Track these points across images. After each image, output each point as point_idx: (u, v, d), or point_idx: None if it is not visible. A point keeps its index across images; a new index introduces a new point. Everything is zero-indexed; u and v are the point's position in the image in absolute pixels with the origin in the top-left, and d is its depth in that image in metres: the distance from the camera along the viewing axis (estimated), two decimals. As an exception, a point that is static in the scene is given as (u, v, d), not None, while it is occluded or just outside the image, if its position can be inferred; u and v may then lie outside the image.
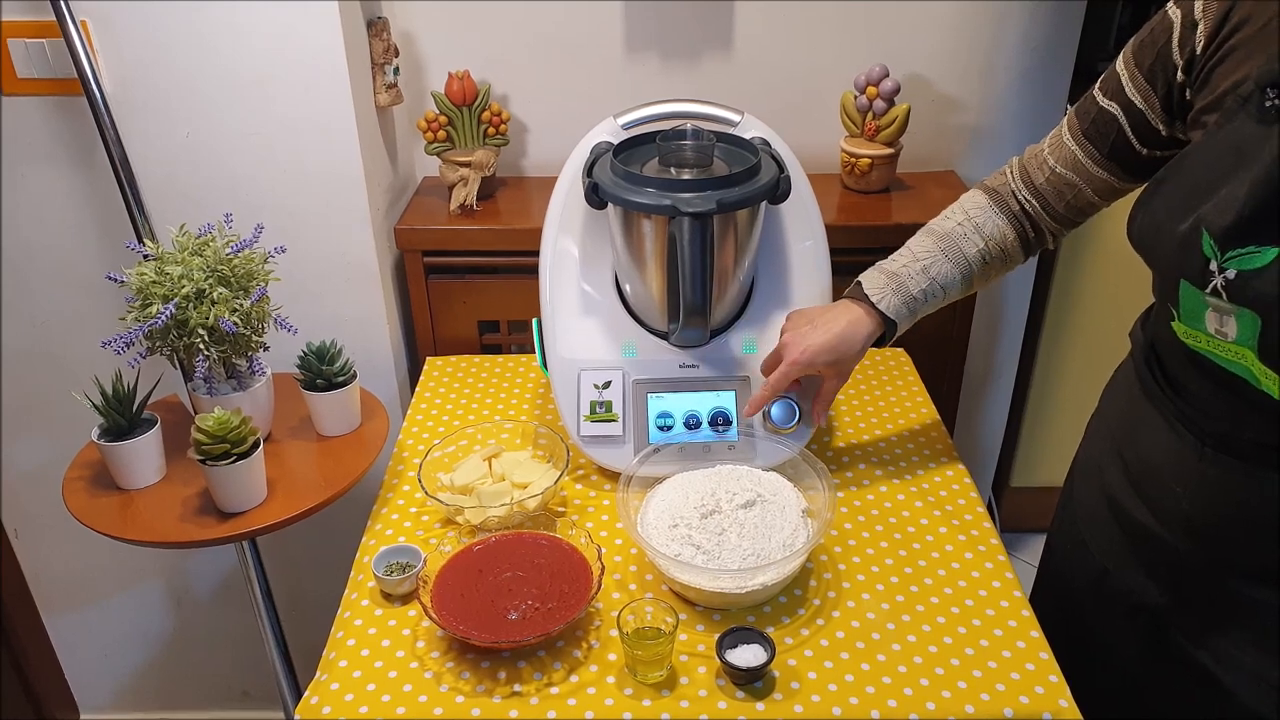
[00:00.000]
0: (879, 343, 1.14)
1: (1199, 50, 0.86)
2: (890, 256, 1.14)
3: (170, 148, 1.38)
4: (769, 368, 1.15)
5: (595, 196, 1.13)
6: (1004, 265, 1.12)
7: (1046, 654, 0.99)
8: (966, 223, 1.10)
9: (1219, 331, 0.82)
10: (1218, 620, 0.96)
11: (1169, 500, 0.95)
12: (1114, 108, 0.97)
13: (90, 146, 1.37)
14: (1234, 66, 0.83)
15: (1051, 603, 1.14)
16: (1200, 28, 0.86)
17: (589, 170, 1.17)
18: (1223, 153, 0.81)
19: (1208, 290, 0.81)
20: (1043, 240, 1.11)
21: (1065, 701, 0.94)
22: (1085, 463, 1.13)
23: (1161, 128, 0.94)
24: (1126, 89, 0.95)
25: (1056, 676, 0.97)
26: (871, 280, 1.12)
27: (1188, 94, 0.89)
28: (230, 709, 1.93)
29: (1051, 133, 1.06)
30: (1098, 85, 0.99)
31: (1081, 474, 1.14)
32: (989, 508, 1.23)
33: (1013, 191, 1.09)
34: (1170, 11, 0.90)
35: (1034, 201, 1.07)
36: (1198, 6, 0.86)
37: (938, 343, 1.60)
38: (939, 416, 1.37)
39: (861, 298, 1.12)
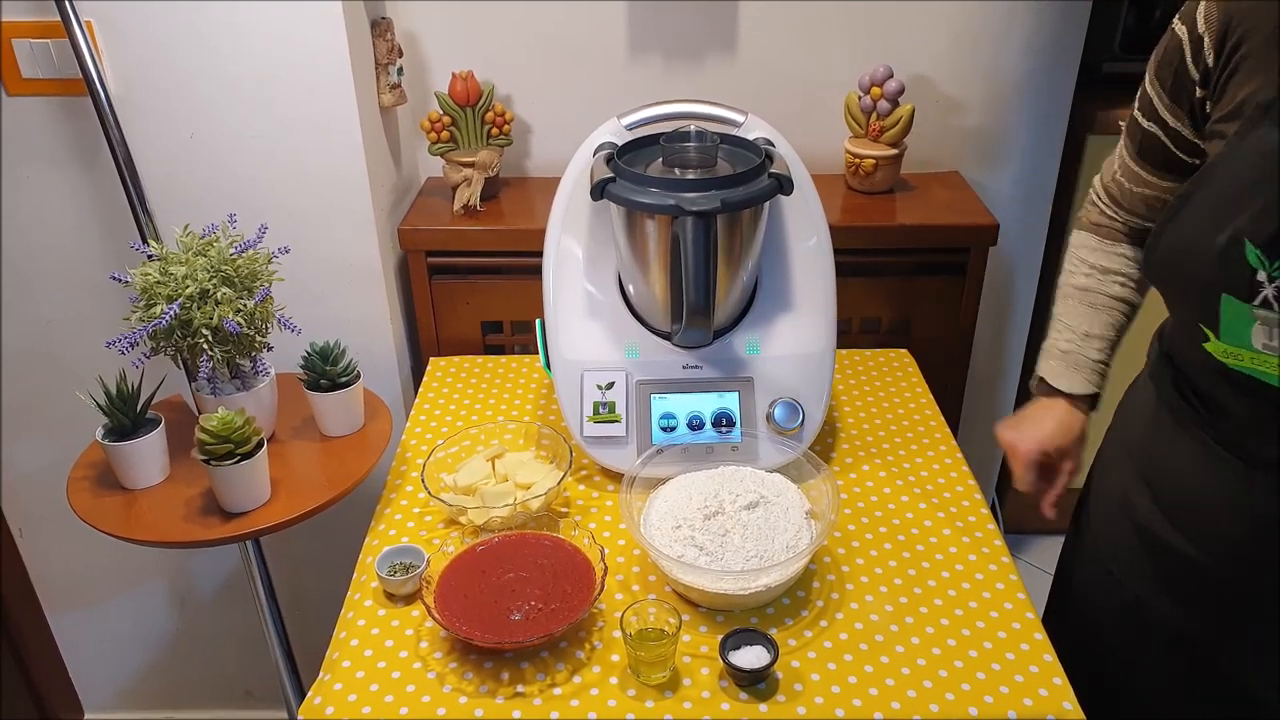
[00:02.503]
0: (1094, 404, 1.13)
1: (1211, 63, 0.86)
2: (1050, 337, 1.13)
3: (174, 148, 1.38)
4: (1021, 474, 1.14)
5: (600, 192, 1.13)
6: (1144, 285, 1.09)
7: (1050, 656, 0.98)
8: (1093, 271, 1.09)
9: (1267, 346, 0.80)
10: (1277, 647, 0.94)
11: (1212, 528, 0.93)
12: (1154, 128, 0.96)
13: (94, 147, 1.37)
14: (1247, 76, 0.82)
15: (1072, 634, 1.12)
16: (1206, 41, 0.85)
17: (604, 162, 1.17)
18: (1249, 162, 0.79)
19: (1256, 302, 0.78)
20: None
21: (1069, 704, 0.94)
22: (1104, 490, 1.11)
23: (1200, 142, 0.92)
24: (1159, 109, 0.94)
25: (1060, 679, 0.96)
26: (1050, 370, 1.12)
27: (1207, 107, 0.88)
28: (234, 709, 1.93)
29: (1115, 152, 1.05)
30: (1136, 106, 0.99)
31: (1100, 500, 1.12)
32: (992, 509, 1.22)
33: (1112, 216, 1.07)
34: (1176, 29, 0.89)
35: (1134, 219, 1.06)
36: (1200, 21, 0.86)
37: (942, 344, 1.60)
38: (943, 418, 1.36)
39: (1052, 392, 1.11)
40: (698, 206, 1.07)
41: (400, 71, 1.50)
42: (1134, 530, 1.04)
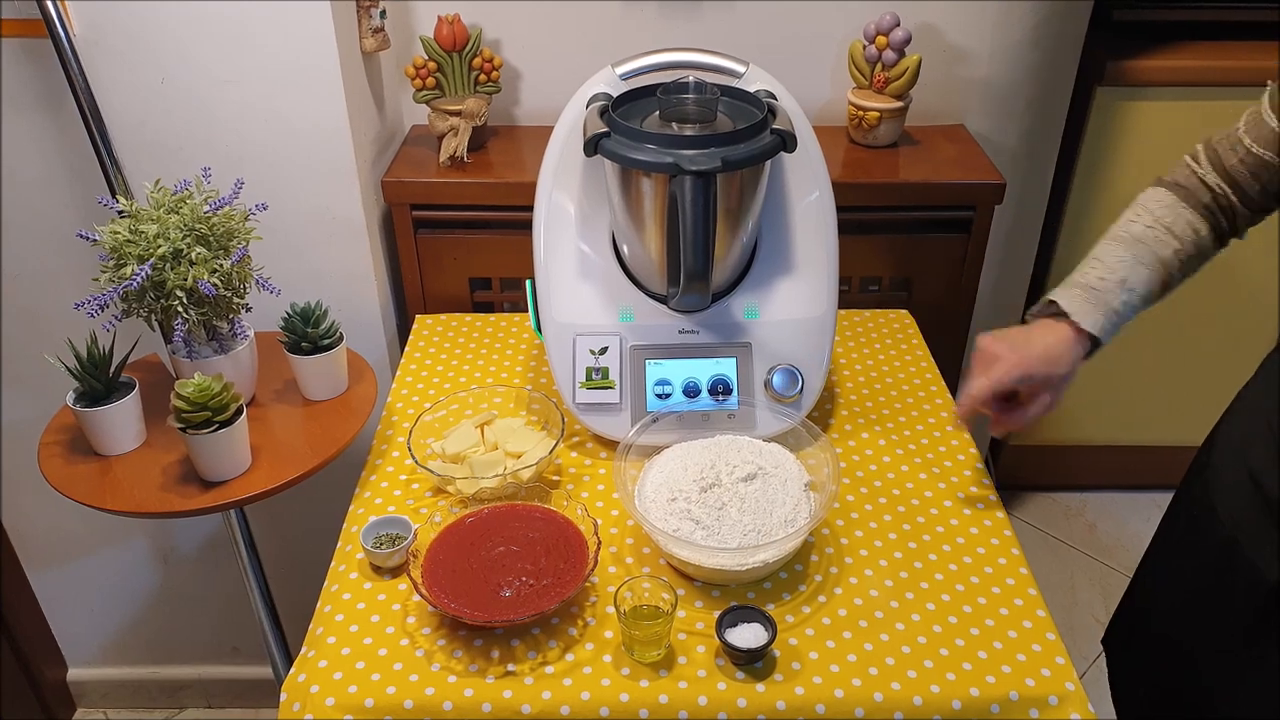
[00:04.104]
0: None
1: None
2: (1079, 269, 1.04)
3: (143, 95, 1.30)
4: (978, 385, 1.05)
5: (593, 147, 1.07)
6: (1200, 261, 1.03)
7: (1053, 634, 0.97)
8: (1156, 225, 1.00)
9: None
10: None
11: None
12: None
13: (58, 93, 1.30)
14: None
15: (1173, 573, 1.12)
16: None
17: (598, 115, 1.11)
18: None
19: None
20: (1236, 231, 1.02)
21: (1072, 684, 0.92)
22: (1230, 462, 1.05)
23: None
24: None
25: (1063, 658, 0.94)
26: (1070, 297, 1.02)
27: None
28: (220, 664, 1.92)
29: (1246, 113, 0.98)
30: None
31: (1223, 446, 1.06)
32: (985, 465, 1.20)
33: (1203, 181, 1.00)
34: None
35: (1225, 188, 0.99)
36: None
37: (944, 303, 1.56)
38: (944, 383, 1.33)
39: (1062, 316, 1.02)
40: (697, 165, 1.02)
41: (383, 14, 1.42)
42: (1247, 475, 0.99)
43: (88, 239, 1.09)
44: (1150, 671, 1.19)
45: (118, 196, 1.18)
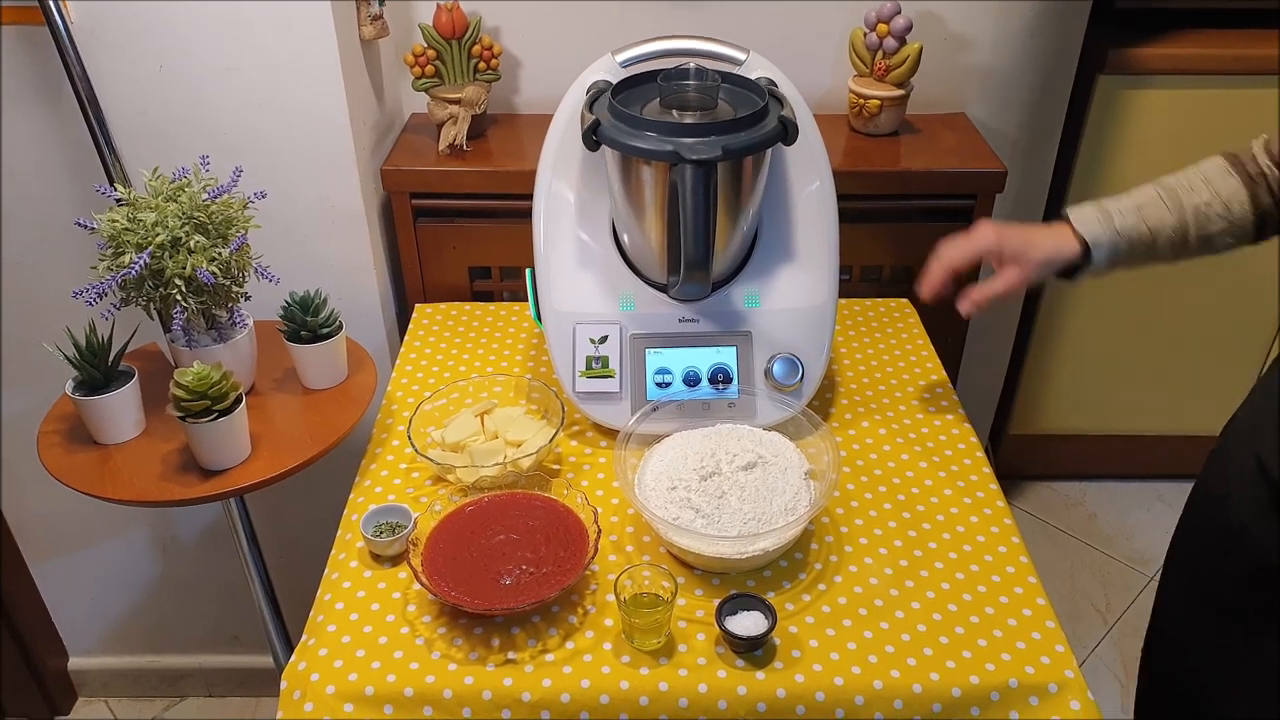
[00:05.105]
0: (1072, 274, 1.06)
1: None
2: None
3: (141, 83, 1.30)
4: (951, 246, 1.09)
5: (593, 138, 1.07)
6: (1228, 228, 1.00)
7: (1053, 622, 0.97)
8: (1195, 175, 1.01)
9: None
10: None
11: None
12: None
13: (56, 81, 1.29)
14: None
15: (1185, 557, 1.14)
16: None
17: (590, 106, 1.11)
18: None
19: None
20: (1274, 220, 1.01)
21: (1071, 672, 0.92)
22: (1242, 422, 1.06)
23: None
24: None
25: (1063, 645, 0.95)
26: (1078, 208, 1.05)
27: None
28: (220, 653, 1.92)
29: None
30: None
31: (1237, 433, 1.07)
32: (985, 454, 1.20)
33: (1253, 156, 0.99)
34: None
35: (1276, 169, 0.98)
36: None
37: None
38: (944, 372, 1.33)
39: (1064, 219, 1.05)
40: (697, 154, 1.01)
41: (382, 2, 1.41)
42: (1269, 490, 0.99)
43: (86, 227, 1.09)
44: (1151, 660, 1.19)
45: (116, 185, 1.18)
